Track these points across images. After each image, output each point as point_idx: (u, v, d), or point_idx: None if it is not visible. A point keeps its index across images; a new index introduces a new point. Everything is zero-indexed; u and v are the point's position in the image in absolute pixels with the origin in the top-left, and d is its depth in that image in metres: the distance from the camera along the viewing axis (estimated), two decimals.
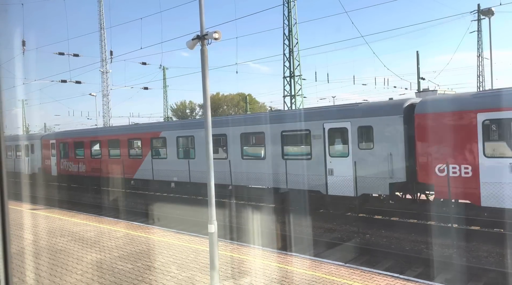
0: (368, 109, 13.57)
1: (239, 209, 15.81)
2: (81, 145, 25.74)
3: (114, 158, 22.97)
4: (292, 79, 33.87)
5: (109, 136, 24.11)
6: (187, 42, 7.46)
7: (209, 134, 7.42)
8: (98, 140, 24.55)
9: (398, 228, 12.49)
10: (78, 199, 22.30)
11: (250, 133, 17.08)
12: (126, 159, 22.23)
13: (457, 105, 11.64)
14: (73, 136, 26.81)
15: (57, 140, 27.71)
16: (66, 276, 8.15)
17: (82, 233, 12.05)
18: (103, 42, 57.28)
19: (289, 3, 33.05)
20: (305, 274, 7.83)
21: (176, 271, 8.19)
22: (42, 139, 29.74)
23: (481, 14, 38.50)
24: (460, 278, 8.60)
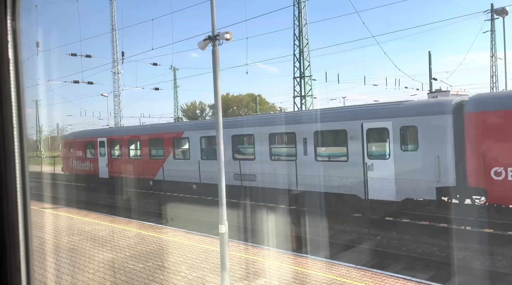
0: (412, 108, 12.78)
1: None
2: (135, 144, 23.42)
3: (156, 159, 21.16)
4: (302, 79, 33.79)
5: (168, 133, 21.28)
6: (199, 42, 7.49)
7: (220, 134, 7.43)
8: (153, 138, 21.98)
9: (410, 230, 12.36)
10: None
11: (280, 133, 16.26)
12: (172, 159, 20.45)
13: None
14: (126, 134, 24.24)
15: (109, 138, 24.67)
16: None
17: (94, 231, 12.17)
18: (114, 43, 57.90)
19: (299, 3, 32.99)
20: (316, 276, 7.79)
21: (186, 271, 8.22)
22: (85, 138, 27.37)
23: (495, 13, 37.95)
24: (473, 282, 8.48)
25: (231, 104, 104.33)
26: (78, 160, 26.47)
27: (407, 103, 13.49)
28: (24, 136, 1.02)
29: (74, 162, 26.91)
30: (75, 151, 26.80)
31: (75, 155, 26.80)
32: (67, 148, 28.20)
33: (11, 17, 1.03)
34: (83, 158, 26.08)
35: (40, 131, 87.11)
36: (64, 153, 28.74)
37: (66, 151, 28.16)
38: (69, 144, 27.83)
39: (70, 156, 27.48)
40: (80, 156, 26.34)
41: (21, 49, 1.03)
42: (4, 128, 0.99)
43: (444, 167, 11.66)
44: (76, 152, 26.70)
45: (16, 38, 1.03)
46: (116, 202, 19.81)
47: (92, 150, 25.50)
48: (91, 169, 25.39)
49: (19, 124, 1.02)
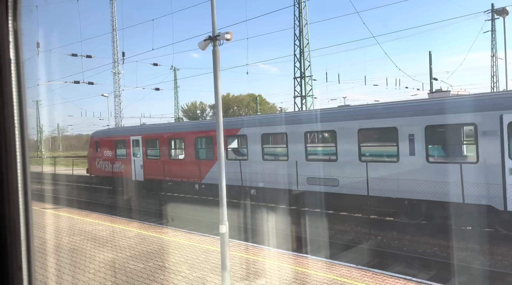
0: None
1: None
2: (178, 142, 20.84)
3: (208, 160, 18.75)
4: (303, 79, 33.80)
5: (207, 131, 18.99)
6: (199, 43, 7.50)
7: (221, 134, 7.43)
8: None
9: (410, 230, 12.35)
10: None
11: (373, 129, 13.60)
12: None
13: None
14: (166, 132, 21.26)
15: (144, 136, 22.00)
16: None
17: (95, 232, 12.18)
18: (115, 44, 57.94)
19: (299, 3, 33.00)
20: (317, 276, 7.79)
21: (187, 271, 8.23)
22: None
23: (495, 13, 37.93)
24: (474, 281, 8.47)
25: (231, 104, 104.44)
26: (107, 161, 23.97)
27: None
28: (25, 137, 1.03)
29: (102, 163, 24.36)
30: (104, 151, 24.23)
31: (103, 155, 24.26)
32: (93, 148, 25.48)
33: (12, 17, 1.03)
34: (113, 158, 23.57)
35: (41, 132, 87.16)
36: (90, 153, 25.93)
37: (93, 151, 25.46)
38: (97, 144, 25.17)
39: (97, 157, 24.87)
40: (110, 156, 23.83)
41: (22, 49, 1.04)
42: (5, 128, 1.00)
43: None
44: (105, 152, 24.12)
45: (17, 39, 1.04)
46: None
47: (124, 149, 22.98)
48: (123, 171, 22.81)
49: (21, 124, 1.02)
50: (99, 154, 24.65)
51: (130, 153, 22.42)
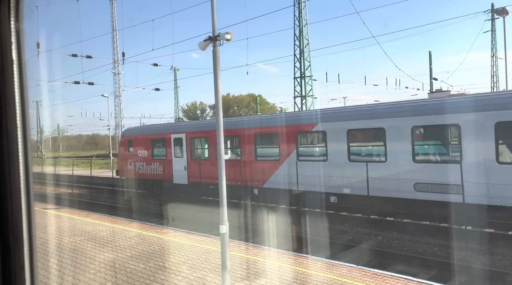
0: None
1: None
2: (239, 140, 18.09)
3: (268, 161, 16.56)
4: (303, 79, 33.80)
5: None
6: (199, 43, 7.50)
7: (221, 134, 7.43)
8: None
9: (411, 230, 12.34)
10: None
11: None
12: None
13: None
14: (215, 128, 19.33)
15: (189, 134, 19.45)
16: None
17: (95, 232, 12.18)
18: (115, 44, 58.01)
19: (299, 3, 33.00)
20: (317, 276, 7.80)
21: (187, 271, 8.23)
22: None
23: (495, 13, 37.94)
24: (474, 281, 8.47)
25: (231, 104, 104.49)
26: (142, 162, 21.35)
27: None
28: (27, 137, 1.03)
29: (135, 165, 21.64)
30: (138, 151, 21.61)
31: (137, 155, 21.61)
32: (125, 148, 22.79)
33: (15, 18, 1.03)
34: (149, 159, 20.96)
35: (41, 132, 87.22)
36: (121, 153, 23.19)
37: (124, 151, 22.75)
38: (129, 143, 22.54)
39: (129, 157, 22.12)
40: (145, 156, 21.19)
41: (24, 50, 1.04)
42: (8, 129, 1.00)
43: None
44: (139, 152, 21.51)
45: (20, 40, 1.04)
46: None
47: (163, 149, 20.33)
48: (161, 173, 20.25)
49: (23, 125, 1.03)
50: (132, 154, 21.96)
51: (170, 153, 19.80)
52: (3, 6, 1.02)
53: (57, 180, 28.11)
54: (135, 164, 21.74)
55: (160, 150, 20.67)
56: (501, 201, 10.38)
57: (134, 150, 21.84)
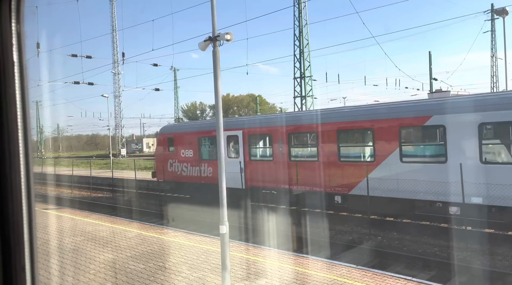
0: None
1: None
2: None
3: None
4: (303, 80, 33.81)
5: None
6: (199, 43, 7.51)
7: (221, 135, 7.43)
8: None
9: (410, 230, 12.35)
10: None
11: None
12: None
13: None
14: (283, 124, 15.84)
15: (247, 131, 16.83)
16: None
17: (95, 232, 12.18)
18: (115, 44, 58.06)
19: (299, 4, 33.02)
20: (317, 276, 7.80)
21: (187, 272, 8.24)
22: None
23: (495, 13, 37.97)
24: (474, 281, 8.48)
25: (231, 104, 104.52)
26: (186, 163, 18.85)
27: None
28: (28, 138, 1.04)
29: (177, 166, 19.11)
30: (180, 150, 19.07)
31: (179, 156, 19.09)
32: (164, 147, 20.11)
33: (16, 20, 1.04)
34: (196, 160, 18.41)
35: (41, 132, 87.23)
36: (159, 153, 20.43)
37: (163, 151, 20.09)
38: (169, 141, 19.89)
39: (170, 158, 19.55)
40: (190, 157, 18.67)
41: (25, 52, 1.05)
42: (9, 129, 1.01)
43: None
44: (182, 152, 19.00)
45: (20, 41, 1.04)
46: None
47: (213, 148, 17.81)
48: (211, 175, 17.69)
49: (24, 125, 1.03)
50: (173, 155, 19.39)
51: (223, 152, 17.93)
52: (4, 8, 1.02)
53: (62, 180, 27.88)
54: (177, 166, 19.09)
55: (209, 149, 18.20)
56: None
57: (176, 150, 19.16)
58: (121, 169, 36.22)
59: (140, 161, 40.56)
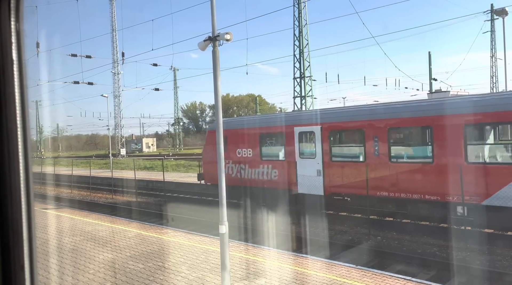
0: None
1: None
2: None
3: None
4: (302, 80, 33.82)
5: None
6: (199, 43, 7.50)
7: (220, 134, 7.42)
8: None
9: (410, 230, 12.35)
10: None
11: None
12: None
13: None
14: (380, 116, 12.94)
15: (327, 126, 14.03)
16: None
17: (94, 232, 12.18)
18: (115, 44, 58.04)
19: (299, 4, 33.03)
20: (316, 276, 7.80)
21: (187, 272, 8.23)
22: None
23: (495, 14, 38.00)
24: (474, 281, 8.48)
25: (231, 104, 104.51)
26: (243, 164, 16.46)
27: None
28: (28, 137, 1.03)
29: (231, 167, 16.83)
30: (236, 149, 16.74)
31: (234, 155, 16.75)
32: (214, 145, 17.16)
33: (15, 18, 1.04)
34: (256, 160, 15.96)
35: (41, 132, 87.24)
36: (208, 153, 17.75)
37: (214, 150, 15.86)
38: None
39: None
40: (249, 157, 16.24)
41: (24, 50, 1.05)
42: (8, 129, 1.01)
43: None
44: (238, 151, 16.64)
45: (20, 40, 1.04)
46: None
47: (280, 147, 15.50)
48: (276, 178, 15.22)
49: (23, 125, 1.03)
50: (226, 154, 15.79)
51: (293, 152, 14.69)
52: (3, 6, 1.02)
53: (61, 180, 27.70)
54: (231, 167, 16.78)
55: (273, 148, 16.01)
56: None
57: (230, 149, 16.66)
58: (121, 169, 36.19)
59: (139, 161, 40.55)
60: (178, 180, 24.94)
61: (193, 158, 43.26)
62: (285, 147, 15.19)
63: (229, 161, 16.72)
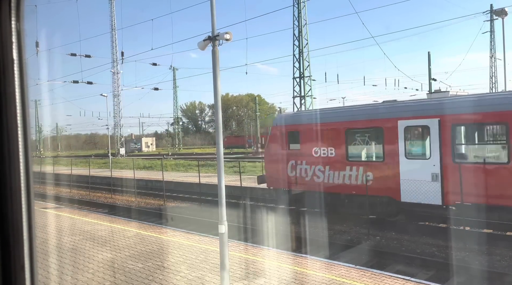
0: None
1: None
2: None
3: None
4: (302, 80, 33.83)
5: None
6: (199, 43, 7.50)
7: (220, 133, 7.42)
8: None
9: (409, 230, 12.36)
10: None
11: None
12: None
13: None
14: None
15: (451, 118, 11.39)
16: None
17: (94, 231, 12.18)
18: (114, 43, 58.05)
19: (299, 4, 33.03)
20: (316, 276, 7.80)
21: (186, 271, 8.23)
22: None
23: (494, 14, 38.03)
24: (473, 281, 8.49)
25: (230, 104, 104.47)
26: (321, 165, 13.77)
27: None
28: (28, 136, 1.03)
29: (305, 169, 14.13)
30: (311, 147, 14.02)
31: (309, 155, 14.06)
32: (281, 143, 15.07)
33: (15, 18, 1.04)
34: (340, 161, 13.34)
35: (40, 131, 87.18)
36: (273, 151, 15.39)
37: (281, 148, 15.05)
38: (290, 135, 14.89)
39: (291, 158, 14.58)
40: (330, 157, 13.57)
41: (25, 50, 1.05)
42: (8, 128, 1.01)
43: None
44: (315, 150, 13.89)
45: (20, 39, 1.04)
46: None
47: (377, 145, 12.99)
48: (371, 183, 12.58)
49: (23, 124, 1.03)
50: (298, 154, 14.42)
51: (394, 151, 12.21)
52: (3, 6, 1.02)
53: (61, 180, 27.63)
54: (304, 169, 14.17)
55: (366, 146, 13.34)
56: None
57: (303, 147, 14.31)
58: (120, 168, 36.18)
59: (139, 160, 40.53)
60: (183, 180, 24.94)
61: (193, 158, 43.26)
62: (384, 145, 12.57)
63: (302, 162, 14.28)
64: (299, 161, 14.39)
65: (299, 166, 14.37)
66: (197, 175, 20.77)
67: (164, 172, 22.26)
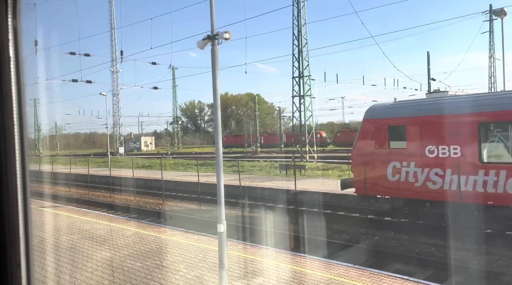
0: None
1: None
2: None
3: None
4: (301, 79, 33.82)
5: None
6: (198, 42, 7.49)
7: (219, 133, 7.42)
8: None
9: (408, 230, 12.37)
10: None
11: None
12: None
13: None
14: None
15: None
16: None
17: (92, 230, 12.17)
18: (113, 42, 57.98)
19: (298, 3, 33.01)
20: (314, 275, 7.81)
21: (185, 270, 8.23)
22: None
23: (494, 14, 38.07)
24: (471, 281, 8.51)
25: (230, 103, 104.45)
26: (441, 168, 11.19)
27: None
28: (24, 135, 1.03)
29: (415, 173, 11.65)
30: (424, 145, 11.56)
31: (420, 154, 11.60)
32: (378, 140, 12.61)
33: (12, 15, 1.03)
34: (470, 162, 10.74)
35: (39, 130, 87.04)
36: (365, 150, 12.98)
37: (377, 147, 12.62)
38: (392, 131, 12.41)
39: (394, 158, 12.12)
40: (454, 157, 10.98)
41: (22, 47, 1.04)
42: (5, 126, 1.00)
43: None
44: (430, 148, 11.40)
45: (17, 37, 1.04)
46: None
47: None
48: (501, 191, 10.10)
49: (20, 123, 1.03)
50: (404, 153, 11.95)
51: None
52: (0, 3, 1.02)
53: (59, 178, 27.58)
54: (413, 172, 11.67)
55: (509, 145, 10.40)
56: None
57: (411, 145, 11.83)
58: (119, 167, 36.15)
59: (138, 159, 40.50)
60: (182, 179, 24.93)
61: (192, 157, 43.24)
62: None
63: (408, 163, 11.76)
64: (405, 163, 11.84)
65: (405, 168, 11.83)
66: (196, 174, 20.78)
67: (163, 171, 22.29)
